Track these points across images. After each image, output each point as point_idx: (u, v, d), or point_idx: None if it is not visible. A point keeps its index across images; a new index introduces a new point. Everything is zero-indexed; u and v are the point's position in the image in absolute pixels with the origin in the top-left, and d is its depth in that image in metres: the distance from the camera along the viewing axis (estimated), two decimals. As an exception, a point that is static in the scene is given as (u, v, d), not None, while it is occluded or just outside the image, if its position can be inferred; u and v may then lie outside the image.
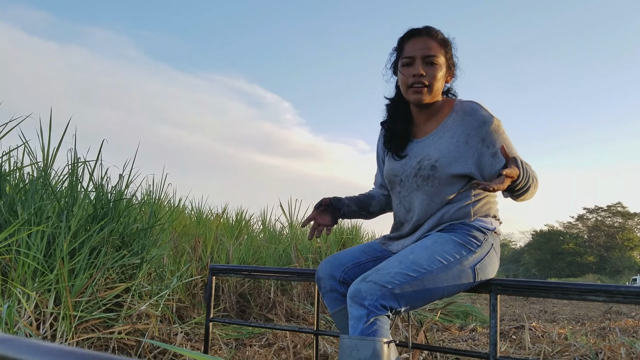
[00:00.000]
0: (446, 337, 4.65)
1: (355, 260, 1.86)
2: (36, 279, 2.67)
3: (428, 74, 1.75)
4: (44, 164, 3.23)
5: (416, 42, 1.77)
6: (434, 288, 1.62)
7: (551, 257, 60.26)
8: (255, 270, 2.32)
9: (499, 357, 1.68)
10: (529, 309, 9.84)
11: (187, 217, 6.38)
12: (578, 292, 1.58)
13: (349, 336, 1.51)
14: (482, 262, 1.71)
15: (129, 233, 3.37)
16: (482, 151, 1.73)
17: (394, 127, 1.91)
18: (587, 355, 3.31)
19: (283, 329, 2.27)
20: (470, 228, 1.74)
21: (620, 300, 1.51)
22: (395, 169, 1.88)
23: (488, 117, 1.74)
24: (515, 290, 1.71)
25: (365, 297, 1.52)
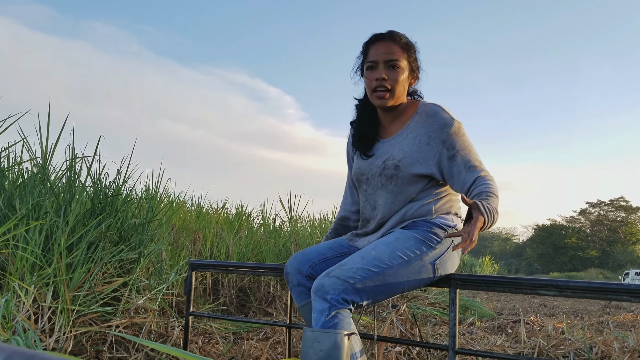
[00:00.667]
0: (443, 331, 4.68)
1: (322, 256, 1.92)
2: (34, 273, 2.70)
3: (390, 77, 1.81)
4: (43, 159, 3.26)
5: (379, 46, 1.83)
6: (394, 282, 1.67)
7: (553, 251, 60.22)
8: (232, 265, 2.39)
9: (458, 349, 1.74)
10: (529, 303, 9.87)
11: (187, 212, 6.41)
12: (530, 286, 1.65)
13: (311, 329, 1.56)
14: (441, 257, 1.76)
15: (126, 228, 3.40)
16: (442, 152, 1.78)
17: (361, 127, 1.97)
18: (581, 349, 3.34)
19: (258, 322, 2.33)
20: (432, 225, 1.79)
21: (569, 295, 1.59)
22: (362, 168, 1.94)
23: (449, 120, 1.79)
24: (473, 285, 1.77)
25: (328, 292, 1.58)
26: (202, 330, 3.73)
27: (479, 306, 7.09)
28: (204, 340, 3.36)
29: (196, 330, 3.69)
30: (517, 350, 3.54)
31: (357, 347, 1.62)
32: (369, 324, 4.25)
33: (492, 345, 3.72)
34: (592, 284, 1.57)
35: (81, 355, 2.70)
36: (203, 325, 3.80)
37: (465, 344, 3.81)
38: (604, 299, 1.55)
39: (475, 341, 4.01)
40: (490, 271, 26.05)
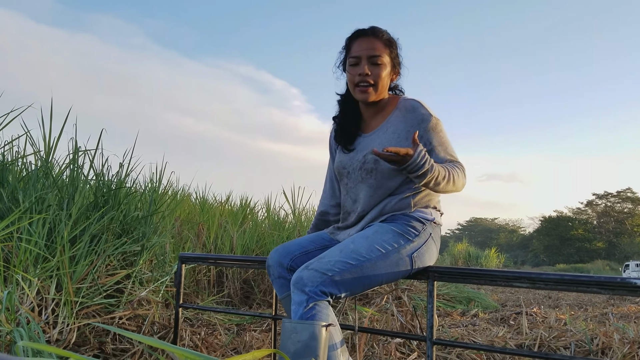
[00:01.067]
0: (446, 323, 4.70)
1: (303, 249, 1.95)
2: (38, 266, 2.73)
3: (373, 73, 1.84)
4: (46, 153, 3.28)
5: (362, 42, 1.86)
6: (372, 275, 1.71)
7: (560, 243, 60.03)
8: (220, 258, 2.45)
9: (435, 340, 1.77)
10: (533, 294, 9.87)
11: (191, 205, 6.44)
12: (505, 279, 1.68)
13: (289, 320, 1.59)
14: (419, 250, 1.79)
15: (129, 221, 3.42)
16: None
17: (343, 122, 1.99)
18: (582, 340, 3.34)
19: (245, 314, 2.38)
20: (410, 218, 1.82)
21: (542, 287, 1.62)
22: (344, 162, 1.97)
23: (427, 116, 1.82)
24: (450, 277, 1.80)
25: (306, 284, 1.62)
26: (205, 321, 3.76)
27: (483, 298, 7.10)
28: (206, 331, 3.39)
29: (200, 321, 3.72)
30: (519, 341, 3.55)
31: (336, 338, 1.65)
32: (372, 315, 4.28)
33: (494, 336, 3.73)
34: (564, 277, 1.60)
35: (84, 346, 2.73)
36: (207, 317, 3.83)
37: (467, 335, 3.82)
38: (575, 291, 1.58)
39: (477, 332, 4.02)
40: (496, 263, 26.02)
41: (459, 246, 21.92)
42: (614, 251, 55.09)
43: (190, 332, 3.14)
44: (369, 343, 3.02)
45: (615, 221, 61.51)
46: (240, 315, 3.95)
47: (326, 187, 2.21)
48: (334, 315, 1.69)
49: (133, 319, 3.10)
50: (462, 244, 23.38)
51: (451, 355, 2.90)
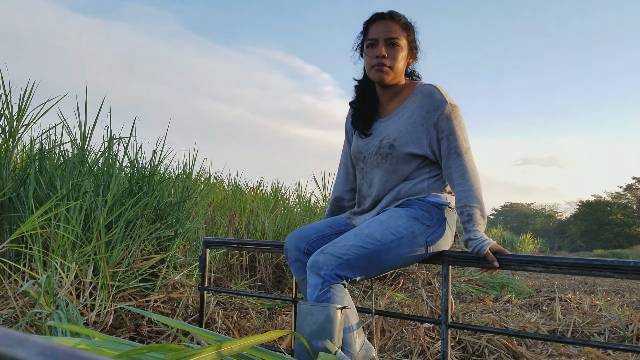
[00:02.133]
0: (478, 308, 4.67)
1: (319, 233, 1.97)
2: (75, 251, 2.82)
3: (390, 55, 1.84)
4: (82, 141, 3.37)
5: (380, 25, 1.86)
6: (387, 259, 1.73)
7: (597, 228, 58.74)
8: (242, 243, 2.49)
9: (450, 323, 1.78)
10: (569, 280, 9.71)
11: (224, 190, 6.52)
12: (519, 263, 1.68)
13: (305, 302, 1.63)
14: (434, 235, 1.80)
15: (163, 206, 3.50)
16: (432, 134, 1.82)
17: (361, 107, 2.00)
18: (617, 326, 3.29)
19: (266, 297, 2.42)
20: (425, 203, 1.83)
21: (555, 271, 1.62)
22: (361, 147, 1.98)
23: (442, 102, 1.81)
24: (464, 262, 1.80)
25: (322, 267, 1.65)
26: (238, 305, 3.83)
27: (517, 284, 7.02)
28: (239, 315, 3.45)
29: (233, 305, 3.79)
30: (551, 327, 3.51)
31: (352, 321, 1.68)
32: (403, 300, 4.28)
33: (526, 322, 3.70)
34: (578, 261, 1.59)
35: (121, 328, 2.82)
36: (240, 301, 3.90)
37: (499, 321, 3.80)
38: (589, 275, 1.56)
39: (509, 318, 3.99)
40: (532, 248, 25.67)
41: (494, 231, 21.67)
42: (655, 236, 53.64)
43: (222, 316, 3.21)
44: (399, 327, 3.04)
45: (656, 206, 59.87)
46: (270, 299, 4.01)
47: (340, 172, 2.22)
48: (350, 298, 1.72)
49: (168, 302, 3.18)
50: (497, 229, 23.11)
51: (481, 340, 2.89)
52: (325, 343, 1.52)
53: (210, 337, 0.72)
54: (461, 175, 1.78)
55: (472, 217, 1.74)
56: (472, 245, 1.72)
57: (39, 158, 3.18)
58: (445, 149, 1.81)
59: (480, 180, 1.82)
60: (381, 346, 2.88)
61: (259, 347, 1.06)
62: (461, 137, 1.81)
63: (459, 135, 1.80)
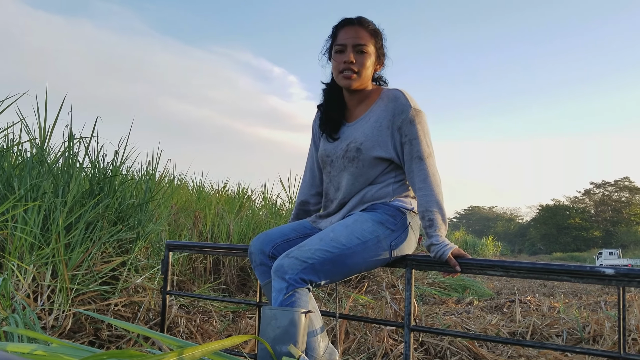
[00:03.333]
0: (441, 310, 4.73)
1: (284, 237, 1.98)
2: (33, 253, 2.74)
3: (358, 61, 1.86)
4: (41, 140, 3.29)
5: (348, 30, 1.88)
6: (351, 263, 1.74)
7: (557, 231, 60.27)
8: (206, 246, 2.47)
9: (412, 326, 1.81)
10: (529, 282, 9.92)
11: (188, 192, 6.45)
12: (479, 267, 1.72)
13: (269, 307, 1.62)
14: (398, 239, 1.82)
15: (124, 208, 3.43)
16: (397, 138, 1.85)
17: (328, 111, 2.01)
18: (574, 328, 3.38)
19: (230, 301, 2.41)
20: (390, 208, 1.86)
21: (515, 275, 1.67)
22: (328, 150, 1.99)
23: (406, 106, 1.83)
24: (427, 265, 1.84)
25: (287, 272, 1.65)
26: (201, 309, 3.78)
27: (478, 286, 7.14)
28: (202, 319, 3.41)
29: (196, 309, 3.75)
30: (512, 329, 3.58)
31: (317, 324, 1.69)
32: (367, 302, 4.31)
33: (487, 324, 3.76)
34: (536, 265, 1.64)
35: (80, 333, 2.75)
36: (203, 304, 3.85)
37: (461, 323, 3.85)
38: (547, 279, 1.62)
39: (471, 320, 4.05)
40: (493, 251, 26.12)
41: (456, 234, 21.99)
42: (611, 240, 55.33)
43: (185, 319, 3.16)
44: (363, 330, 3.05)
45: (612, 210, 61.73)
46: (234, 303, 3.97)
47: (306, 176, 2.23)
48: (314, 302, 1.72)
49: (129, 306, 3.12)
50: (460, 232, 23.46)
51: (443, 342, 2.93)
52: (289, 347, 1.52)
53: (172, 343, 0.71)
54: (422, 179, 1.81)
55: (433, 222, 1.77)
56: (434, 250, 1.75)
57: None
58: (407, 153, 1.83)
59: (442, 184, 1.85)
60: (345, 349, 2.89)
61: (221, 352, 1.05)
62: (424, 142, 1.83)
63: (421, 140, 1.83)
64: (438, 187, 1.82)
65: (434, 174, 1.82)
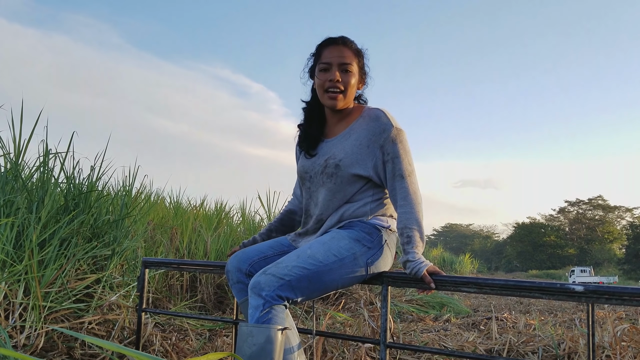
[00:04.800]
0: (418, 328, 4.73)
1: (261, 255, 1.99)
2: (5, 270, 2.69)
3: (343, 80, 1.89)
4: (15, 155, 3.24)
5: (333, 49, 1.91)
6: (328, 280, 1.75)
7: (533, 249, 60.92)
8: (183, 263, 2.46)
9: (389, 343, 1.82)
10: (505, 300, 9.99)
11: (165, 208, 6.39)
12: (454, 284, 1.75)
13: (246, 324, 1.63)
14: (374, 256, 1.84)
15: (100, 224, 3.39)
16: (378, 156, 1.87)
17: (308, 128, 2.04)
18: (550, 345, 3.40)
19: (207, 319, 2.39)
20: (366, 225, 1.87)
21: (488, 292, 1.70)
22: (306, 166, 2.01)
23: (388, 126, 1.86)
24: (403, 283, 1.86)
25: (263, 288, 1.65)
26: (177, 327, 3.73)
27: (455, 303, 7.16)
28: (177, 337, 3.37)
29: (171, 327, 3.70)
30: (488, 346, 3.59)
31: (293, 342, 1.69)
32: (345, 320, 4.29)
33: (465, 341, 3.77)
34: (508, 282, 1.67)
35: (53, 351, 2.69)
36: (179, 322, 3.80)
37: (438, 340, 3.86)
38: (519, 296, 1.64)
39: (448, 337, 4.06)
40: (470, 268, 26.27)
41: (434, 252, 22.10)
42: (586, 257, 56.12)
43: (161, 338, 3.12)
44: (340, 348, 3.04)
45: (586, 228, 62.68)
46: (211, 321, 3.93)
47: (295, 192, 2.28)
48: (291, 320, 1.72)
49: (103, 324, 3.07)
50: (437, 249, 23.58)
51: (421, 359, 2.93)
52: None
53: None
54: (404, 197, 1.82)
55: (411, 239, 1.78)
56: (409, 267, 1.76)
57: (-32, 172, 3.03)
58: (390, 172, 1.85)
59: (422, 203, 1.87)
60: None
61: (197, 370, 1.04)
62: (405, 161, 1.85)
63: (403, 159, 1.85)
64: (419, 205, 1.84)
65: (415, 192, 1.84)
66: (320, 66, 1.92)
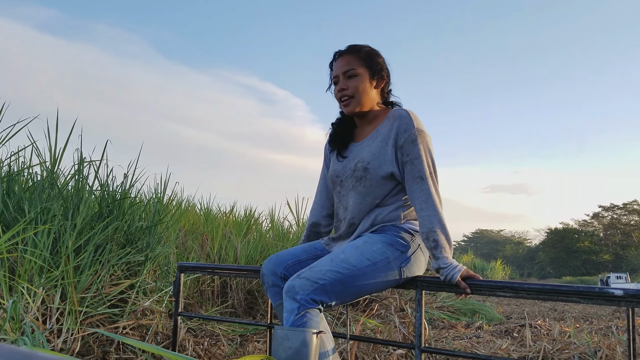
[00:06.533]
0: (450, 335, 4.68)
1: (296, 258, 1.99)
2: (42, 276, 2.75)
3: (350, 86, 1.93)
4: (51, 163, 3.32)
5: (339, 61, 1.97)
6: (362, 284, 1.74)
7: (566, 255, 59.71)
8: (218, 267, 2.48)
9: (424, 348, 1.80)
10: (539, 307, 9.82)
11: (196, 215, 6.46)
12: (489, 288, 1.72)
13: (281, 327, 1.64)
14: (407, 261, 1.83)
15: (133, 231, 3.44)
16: (399, 157, 1.87)
17: (338, 130, 2.07)
18: (586, 353, 3.33)
19: (242, 323, 2.40)
20: (400, 230, 1.87)
21: (525, 296, 1.66)
22: (337, 170, 2.02)
23: (409, 126, 1.85)
24: (437, 287, 1.84)
25: (298, 292, 1.66)
26: (209, 332, 3.76)
27: (488, 310, 7.07)
28: (210, 342, 3.39)
29: (203, 332, 3.73)
30: (522, 354, 3.54)
31: (328, 346, 1.69)
32: (376, 326, 4.27)
33: (497, 348, 3.72)
34: (545, 286, 1.64)
35: (88, 356, 2.75)
36: (211, 327, 3.83)
37: (470, 348, 3.81)
38: (556, 300, 1.61)
39: (481, 345, 4.01)
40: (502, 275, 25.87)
41: (464, 258, 21.83)
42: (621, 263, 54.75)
43: (193, 343, 3.15)
44: (372, 354, 3.03)
45: (621, 233, 61.20)
46: (243, 326, 3.96)
47: (317, 197, 2.25)
48: (325, 323, 1.73)
49: (136, 329, 3.11)
50: (468, 255, 23.29)
51: (453, 366, 2.89)
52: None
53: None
54: (424, 199, 1.81)
55: (438, 243, 1.77)
56: (443, 274, 1.75)
57: (7, 180, 3.11)
58: (409, 173, 1.84)
59: (443, 205, 1.85)
60: (354, 373, 2.86)
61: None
62: (425, 162, 1.84)
63: (423, 160, 1.83)
64: (440, 208, 1.82)
65: (435, 195, 1.82)
66: (332, 80, 2.00)
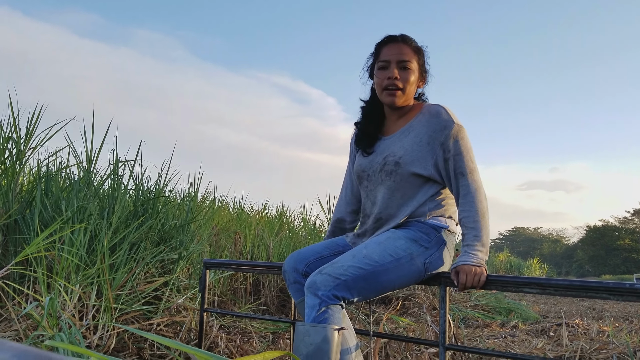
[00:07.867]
0: (484, 334, 4.62)
1: (317, 255, 1.98)
2: (79, 273, 2.82)
3: (402, 77, 1.86)
4: (87, 163, 3.40)
5: (392, 47, 1.88)
6: (385, 280, 1.72)
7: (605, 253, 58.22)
8: (242, 264, 2.48)
9: (448, 345, 1.77)
10: (577, 306, 9.61)
11: (229, 213, 6.52)
12: (515, 284, 1.68)
13: (302, 323, 1.62)
14: (432, 257, 1.79)
15: (167, 229, 3.50)
16: (439, 154, 1.82)
17: (365, 126, 2.02)
18: (625, 353, 3.25)
19: (265, 319, 2.41)
20: (424, 225, 1.83)
21: (552, 293, 1.62)
22: (364, 165, 1.98)
23: (449, 122, 1.82)
24: None
25: (320, 288, 1.64)
26: (241, 329, 3.80)
27: (523, 309, 6.95)
28: (242, 339, 3.43)
29: (236, 329, 3.77)
30: (558, 353, 3.47)
31: (351, 342, 1.67)
32: (408, 324, 4.25)
33: (533, 348, 3.65)
34: (574, 282, 1.60)
35: (123, 352, 2.80)
36: (243, 325, 3.87)
37: (505, 347, 3.76)
38: (585, 297, 1.56)
39: (516, 344, 3.95)
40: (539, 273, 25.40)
41: (500, 256, 21.48)
42: (664, 262, 53.11)
43: (225, 340, 3.18)
44: (403, 352, 3.01)
45: (664, 231, 59.39)
46: (275, 323, 3.98)
47: (342, 194, 2.23)
48: (348, 320, 1.71)
49: (170, 326, 3.16)
50: (504, 253, 22.92)
51: (487, 366, 2.86)
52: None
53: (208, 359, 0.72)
54: (464, 194, 1.78)
55: (474, 230, 1.75)
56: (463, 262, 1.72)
57: (45, 180, 3.20)
58: (451, 169, 1.81)
59: (486, 200, 1.81)
60: (385, 372, 2.85)
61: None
62: (467, 158, 1.81)
63: (465, 156, 1.81)
64: (481, 203, 1.78)
65: (477, 189, 1.79)
66: (379, 64, 1.90)
